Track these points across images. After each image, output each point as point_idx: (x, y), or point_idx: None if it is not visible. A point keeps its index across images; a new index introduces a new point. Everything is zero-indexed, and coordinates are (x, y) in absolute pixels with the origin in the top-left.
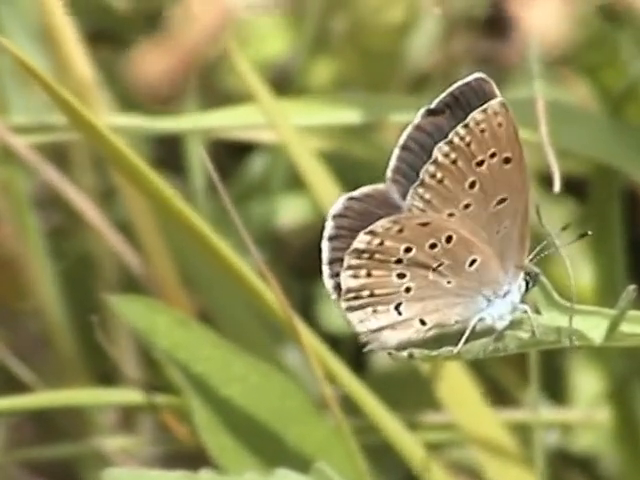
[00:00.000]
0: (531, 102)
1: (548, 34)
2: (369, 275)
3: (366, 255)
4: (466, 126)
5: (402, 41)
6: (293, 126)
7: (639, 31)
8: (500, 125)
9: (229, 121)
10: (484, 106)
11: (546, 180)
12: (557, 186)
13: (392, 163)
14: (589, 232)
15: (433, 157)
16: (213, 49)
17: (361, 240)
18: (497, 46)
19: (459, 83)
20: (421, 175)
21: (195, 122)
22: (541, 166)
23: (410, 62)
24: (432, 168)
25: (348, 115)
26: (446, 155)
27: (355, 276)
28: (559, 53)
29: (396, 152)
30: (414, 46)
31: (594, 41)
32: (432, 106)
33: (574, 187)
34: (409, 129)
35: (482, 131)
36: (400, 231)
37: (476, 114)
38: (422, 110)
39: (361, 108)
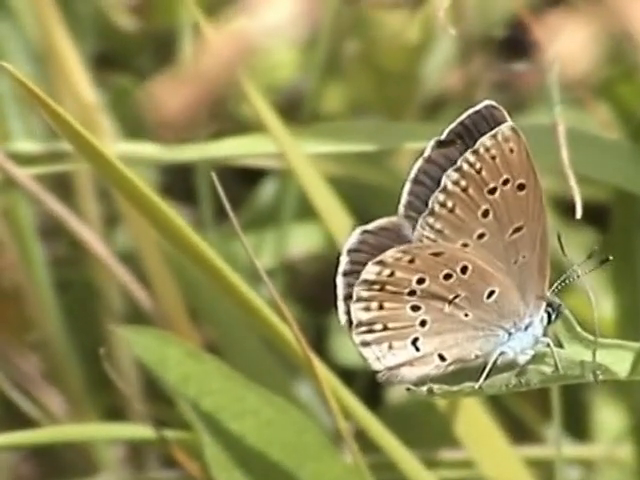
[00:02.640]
0: (551, 127)
1: (574, 62)
2: (381, 307)
3: (377, 286)
4: (475, 152)
5: (417, 63)
6: (304, 154)
7: None
8: (512, 151)
9: (239, 150)
10: (493, 131)
11: (565, 207)
12: (579, 213)
13: (403, 198)
14: (610, 257)
15: (442, 185)
16: (231, 80)
17: (370, 271)
18: (515, 68)
19: (469, 112)
20: (430, 204)
21: (204, 151)
22: (560, 193)
23: (426, 85)
24: (442, 196)
25: (360, 144)
26: (456, 183)
27: (367, 309)
28: (583, 82)
29: (407, 186)
30: (430, 68)
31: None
32: (442, 137)
33: (594, 214)
34: (419, 162)
35: (493, 157)
36: (411, 261)
37: (485, 140)
38: (432, 141)
39: (374, 136)
